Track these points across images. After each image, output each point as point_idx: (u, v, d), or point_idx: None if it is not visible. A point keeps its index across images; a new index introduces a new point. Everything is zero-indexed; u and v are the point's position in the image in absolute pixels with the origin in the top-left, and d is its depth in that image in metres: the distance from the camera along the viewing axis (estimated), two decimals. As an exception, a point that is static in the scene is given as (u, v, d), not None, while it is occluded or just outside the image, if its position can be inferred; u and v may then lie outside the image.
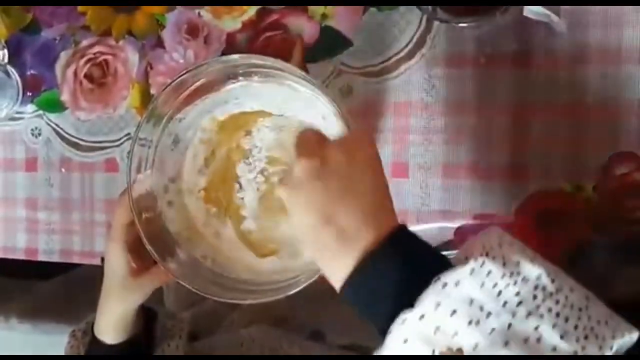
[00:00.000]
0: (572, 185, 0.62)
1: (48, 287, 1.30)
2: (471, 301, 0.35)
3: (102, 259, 0.67)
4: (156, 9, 0.76)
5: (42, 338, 1.14)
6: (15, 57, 0.84)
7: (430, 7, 0.60)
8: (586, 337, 0.34)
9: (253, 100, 0.64)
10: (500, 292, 0.35)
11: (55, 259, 0.84)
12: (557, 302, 0.35)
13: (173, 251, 0.62)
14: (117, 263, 0.60)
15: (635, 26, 0.59)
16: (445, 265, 0.39)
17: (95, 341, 0.63)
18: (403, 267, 0.39)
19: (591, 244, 0.61)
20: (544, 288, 0.36)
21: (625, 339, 0.34)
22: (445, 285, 0.36)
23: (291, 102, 0.63)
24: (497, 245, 0.38)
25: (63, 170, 0.83)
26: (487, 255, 0.37)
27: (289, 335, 0.73)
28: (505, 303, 0.35)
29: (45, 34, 0.83)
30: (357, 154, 0.44)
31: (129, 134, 0.79)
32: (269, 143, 0.65)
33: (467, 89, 0.65)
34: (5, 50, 0.83)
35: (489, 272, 0.36)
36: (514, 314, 0.34)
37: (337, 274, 0.41)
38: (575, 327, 0.34)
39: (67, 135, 0.82)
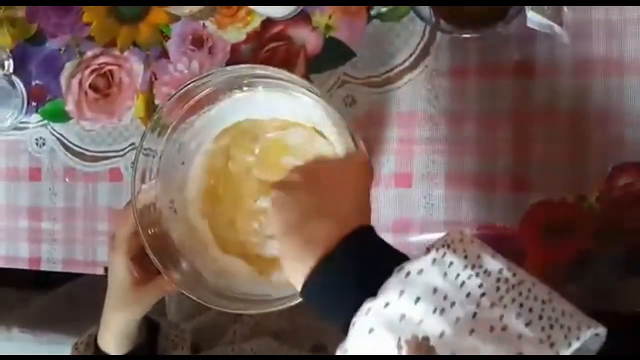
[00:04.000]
0: (575, 195, 0.62)
1: (50, 297, 1.30)
2: (435, 290, 0.35)
3: (106, 269, 0.67)
4: (161, 20, 0.77)
5: (43, 348, 1.14)
6: (20, 68, 0.84)
7: (433, 19, 0.61)
8: (551, 327, 0.34)
9: (257, 110, 0.64)
10: (463, 283, 0.35)
11: (58, 268, 0.84)
12: (520, 293, 0.35)
13: (176, 261, 0.62)
14: (120, 273, 0.60)
15: (638, 37, 0.60)
16: (404, 259, 0.39)
17: (98, 352, 0.63)
18: (363, 260, 0.40)
19: (594, 254, 0.61)
20: (506, 280, 0.36)
21: (590, 332, 0.34)
22: (408, 273, 0.37)
23: (295, 112, 0.63)
24: (459, 241, 0.38)
25: (67, 180, 0.83)
26: (448, 247, 0.37)
27: (290, 348, 0.72)
28: (468, 294, 0.35)
29: (50, 45, 0.84)
30: (345, 174, 0.48)
31: (133, 143, 0.79)
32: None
33: (470, 99, 0.65)
34: (11, 61, 0.84)
35: (451, 263, 0.36)
36: (478, 304, 0.34)
37: (299, 275, 0.42)
38: (540, 317, 0.34)
39: (71, 145, 0.82)
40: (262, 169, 0.66)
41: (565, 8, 0.60)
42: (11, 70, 0.83)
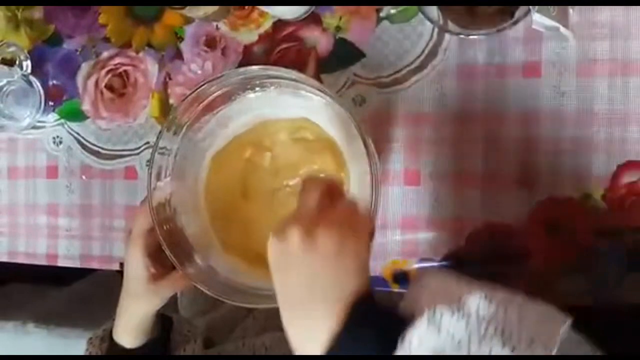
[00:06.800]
0: (580, 193, 0.63)
1: (65, 292, 1.32)
2: (434, 349, 0.40)
3: (122, 265, 0.68)
4: (175, 22, 0.79)
5: (58, 342, 1.16)
6: (37, 68, 0.86)
7: (441, 20, 0.62)
8: (532, 341, 0.38)
9: (269, 110, 0.66)
10: (454, 334, 0.40)
11: (75, 264, 0.86)
12: (498, 323, 0.40)
13: (190, 256, 0.64)
14: (136, 268, 0.61)
15: (642, 38, 0.61)
16: (402, 325, 0.41)
17: (113, 345, 0.64)
18: (368, 334, 0.42)
19: (599, 251, 0.62)
20: (484, 318, 0.40)
21: (562, 329, 0.39)
22: (410, 343, 0.40)
23: (306, 112, 0.65)
24: (441, 288, 0.43)
25: (84, 177, 0.84)
26: (434, 300, 0.42)
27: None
28: (459, 342, 0.39)
29: (67, 46, 0.85)
30: (345, 241, 0.44)
31: (148, 142, 0.81)
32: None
33: (477, 99, 0.66)
34: (29, 61, 0.85)
35: (441, 315, 0.41)
36: (468, 349, 0.39)
37: (308, 346, 0.43)
38: (519, 339, 0.39)
39: (87, 144, 0.84)
40: (274, 167, 0.67)
41: (570, 10, 0.61)
42: (29, 70, 0.85)
